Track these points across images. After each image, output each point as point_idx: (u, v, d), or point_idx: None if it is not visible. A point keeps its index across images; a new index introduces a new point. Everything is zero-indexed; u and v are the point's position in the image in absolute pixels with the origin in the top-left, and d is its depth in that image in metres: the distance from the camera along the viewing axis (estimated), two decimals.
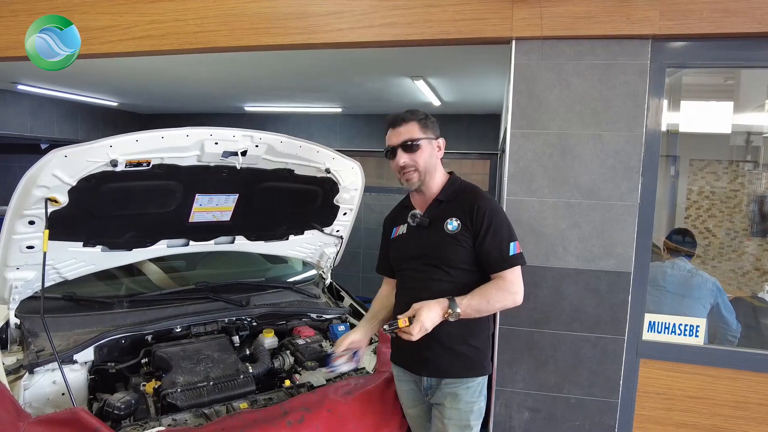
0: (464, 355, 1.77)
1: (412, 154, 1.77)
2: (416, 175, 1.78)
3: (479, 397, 1.80)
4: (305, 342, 2.38)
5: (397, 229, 1.91)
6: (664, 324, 2.38)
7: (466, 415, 1.77)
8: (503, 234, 1.73)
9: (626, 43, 2.26)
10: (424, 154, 1.78)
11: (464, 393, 1.76)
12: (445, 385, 1.78)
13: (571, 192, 2.35)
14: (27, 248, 1.95)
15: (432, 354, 1.76)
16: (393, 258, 1.94)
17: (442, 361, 1.76)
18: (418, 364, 1.81)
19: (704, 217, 3.94)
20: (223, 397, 1.92)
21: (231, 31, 2.65)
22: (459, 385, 1.77)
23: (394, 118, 1.82)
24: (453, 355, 1.76)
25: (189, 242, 2.43)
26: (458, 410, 1.76)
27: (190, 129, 1.90)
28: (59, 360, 1.83)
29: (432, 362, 1.77)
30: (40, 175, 1.74)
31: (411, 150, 1.77)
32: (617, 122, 2.29)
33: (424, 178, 1.79)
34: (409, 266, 1.84)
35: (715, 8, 2.14)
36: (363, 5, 2.47)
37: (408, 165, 1.77)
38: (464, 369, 1.77)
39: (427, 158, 1.78)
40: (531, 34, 2.30)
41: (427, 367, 1.79)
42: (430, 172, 1.79)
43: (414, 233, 1.82)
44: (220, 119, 6.94)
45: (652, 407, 2.41)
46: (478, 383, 1.80)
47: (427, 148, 1.79)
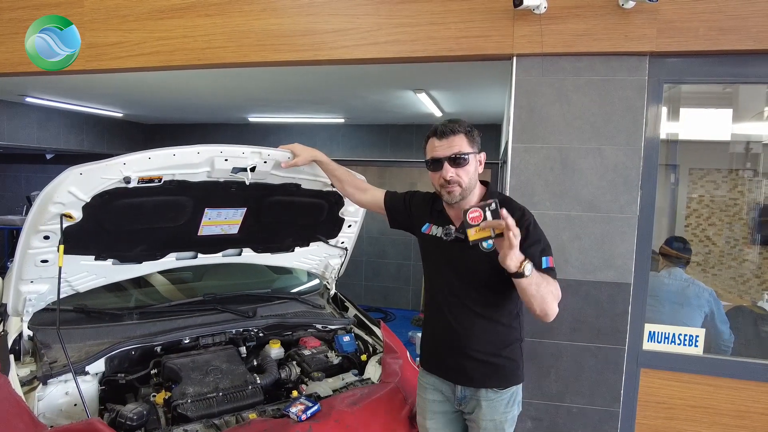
0: (499, 366, 1.76)
1: (459, 169, 1.68)
2: (459, 189, 1.69)
3: (514, 405, 1.81)
4: (311, 352, 2.41)
5: (430, 226, 1.84)
6: (664, 334, 2.42)
7: (501, 425, 1.77)
8: (540, 246, 1.68)
9: (625, 60, 2.32)
10: (470, 168, 1.70)
11: (499, 404, 1.77)
12: (480, 395, 1.77)
13: (571, 205, 2.40)
14: (41, 262, 1.99)
15: (468, 364, 1.76)
16: (423, 254, 1.91)
17: (478, 371, 1.76)
18: (454, 373, 1.80)
19: (704, 226, 3.96)
20: (233, 407, 1.95)
21: (238, 47, 2.72)
22: (494, 395, 1.77)
23: (442, 128, 1.71)
24: (488, 367, 1.75)
25: (197, 255, 2.47)
26: (494, 421, 1.77)
27: (201, 147, 1.94)
28: (74, 372, 1.87)
29: (467, 373, 1.77)
30: (56, 193, 1.78)
31: (458, 164, 1.68)
32: (616, 136, 2.35)
33: (465, 195, 1.71)
34: (439, 274, 1.83)
35: (710, 26, 2.20)
36: (368, 23, 2.54)
37: (453, 179, 1.68)
38: (499, 379, 1.77)
39: (472, 173, 1.71)
40: (532, 50, 2.36)
41: (463, 377, 1.78)
42: (471, 187, 1.72)
43: (447, 245, 1.75)
44: (224, 129, 6.99)
45: (653, 416, 2.44)
46: (513, 393, 1.80)
47: (473, 163, 1.71)
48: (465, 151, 1.68)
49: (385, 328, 2.58)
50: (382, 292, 7.27)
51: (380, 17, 2.52)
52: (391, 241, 7.16)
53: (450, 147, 1.69)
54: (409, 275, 7.24)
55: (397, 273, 7.25)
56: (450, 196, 1.71)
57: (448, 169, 1.68)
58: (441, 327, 1.81)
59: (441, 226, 1.79)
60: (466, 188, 1.70)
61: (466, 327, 1.75)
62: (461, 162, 1.68)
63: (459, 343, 1.74)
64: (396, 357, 2.34)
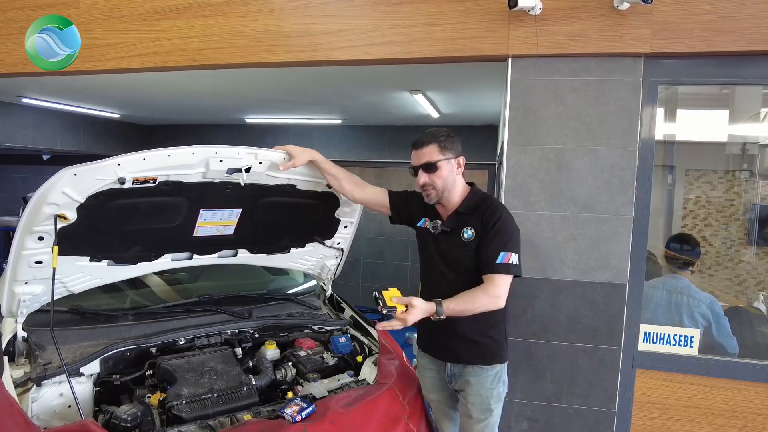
0: (484, 345, 1.99)
1: (431, 174, 1.96)
2: (434, 192, 1.98)
3: (498, 383, 2.02)
4: (307, 354, 2.41)
5: (425, 221, 2.10)
6: (659, 334, 2.43)
7: (487, 399, 2.00)
8: (501, 241, 1.89)
9: (620, 61, 2.32)
10: (442, 173, 1.96)
11: (485, 380, 2.00)
12: (467, 372, 2.01)
13: (567, 205, 2.40)
14: (36, 263, 1.98)
15: (456, 343, 2.00)
16: (419, 245, 2.17)
17: (464, 350, 2.00)
18: (445, 352, 2.06)
19: (700, 226, 3.97)
20: (228, 408, 1.94)
21: (235, 48, 2.72)
22: (480, 372, 2.00)
23: (417, 140, 1.99)
24: (474, 346, 1.99)
25: (193, 256, 2.47)
26: (480, 396, 2.00)
27: (196, 147, 1.94)
28: (68, 373, 1.86)
29: (456, 351, 2.02)
30: (50, 193, 1.78)
31: (430, 170, 1.96)
32: (611, 137, 2.35)
33: (442, 194, 1.98)
34: (431, 262, 2.07)
35: (705, 27, 2.21)
36: (364, 24, 2.54)
37: (427, 184, 1.97)
38: (484, 358, 2.00)
39: (445, 177, 1.96)
40: (527, 52, 2.37)
41: (452, 355, 2.04)
42: (448, 189, 1.98)
43: (435, 237, 2.04)
44: (221, 130, 6.98)
45: (648, 416, 2.44)
46: (497, 371, 2.02)
47: (446, 168, 1.96)
48: (434, 159, 1.95)
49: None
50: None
51: (376, 18, 2.53)
52: (389, 242, 7.16)
53: (421, 157, 1.97)
54: (406, 276, 7.22)
55: (395, 274, 7.24)
56: (428, 199, 2.01)
57: (421, 176, 1.97)
58: None
59: (431, 221, 2.06)
60: (441, 190, 1.97)
61: None
62: (431, 169, 1.95)
63: (448, 323, 1.87)
64: (392, 358, 2.34)
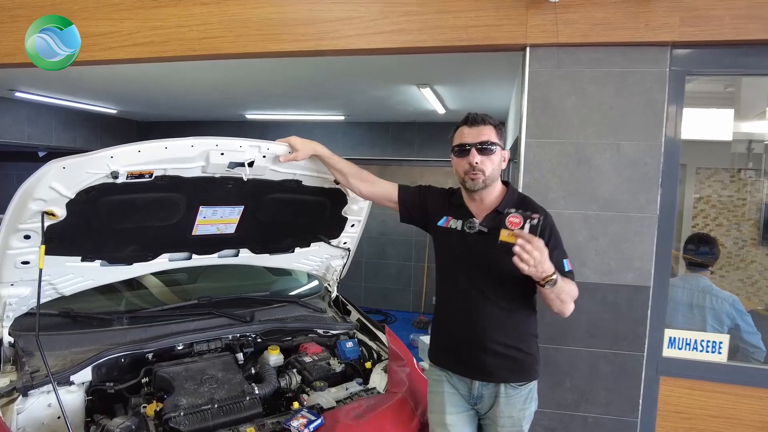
0: (518, 361, 1.77)
1: (485, 157, 1.74)
2: (482, 177, 1.74)
3: (531, 402, 1.80)
4: (312, 359, 2.28)
5: (448, 219, 1.87)
6: (685, 340, 2.31)
7: (519, 422, 1.77)
8: (560, 248, 1.75)
9: (645, 50, 2.20)
10: (495, 159, 1.76)
11: (518, 399, 1.76)
12: (499, 391, 1.76)
13: (587, 203, 2.28)
14: (22, 263, 1.86)
15: (489, 358, 1.75)
16: (439, 247, 1.91)
17: (497, 366, 1.75)
18: (473, 368, 1.79)
19: (711, 226, 3.89)
20: (229, 420, 1.81)
21: (236, 37, 2.59)
22: (513, 391, 1.76)
23: (474, 116, 1.78)
24: (508, 360, 1.76)
25: (192, 256, 2.35)
26: (512, 418, 1.76)
27: (195, 139, 1.81)
28: (54, 383, 1.73)
29: (488, 367, 1.76)
30: (36, 188, 1.65)
31: (485, 152, 1.74)
32: (635, 131, 2.23)
33: (488, 183, 1.76)
34: (458, 267, 1.82)
35: (736, 14, 2.09)
36: (373, 11, 2.41)
37: (478, 166, 1.74)
38: (519, 374, 1.77)
39: (496, 164, 1.77)
40: (546, 41, 2.24)
41: (483, 372, 1.77)
42: (493, 178, 1.77)
43: (468, 237, 1.79)
44: (221, 127, 6.87)
45: (673, 427, 2.32)
46: (530, 388, 1.80)
47: (498, 155, 1.77)
48: (493, 140, 1.75)
49: (390, 333, 2.46)
50: (382, 294, 7.14)
51: (385, 5, 2.40)
52: (392, 241, 7.05)
53: (479, 135, 1.75)
54: (410, 276, 7.12)
55: (398, 274, 7.14)
56: (473, 183, 1.75)
57: (475, 155, 1.73)
58: (458, 320, 1.81)
59: (461, 220, 1.82)
60: (489, 177, 1.75)
61: (486, 319, 1.74)
62: (488, 151, 1.74)
63: (478, 336, 1.74)
64: (403, 365, 2.21)
